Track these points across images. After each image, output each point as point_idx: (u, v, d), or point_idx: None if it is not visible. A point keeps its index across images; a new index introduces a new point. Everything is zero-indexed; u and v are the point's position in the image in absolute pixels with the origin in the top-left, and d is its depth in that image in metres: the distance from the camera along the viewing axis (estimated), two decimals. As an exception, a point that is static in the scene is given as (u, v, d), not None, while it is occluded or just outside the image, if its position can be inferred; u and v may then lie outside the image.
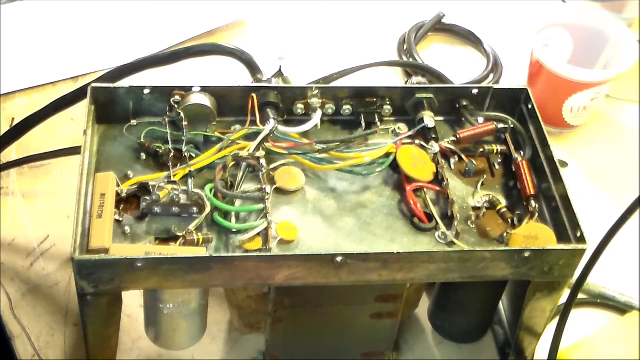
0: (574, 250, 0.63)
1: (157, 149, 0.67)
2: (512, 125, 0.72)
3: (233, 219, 0.64)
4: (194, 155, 0.67)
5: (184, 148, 0.67)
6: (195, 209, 0.64)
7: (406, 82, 0.95)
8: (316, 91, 0.71)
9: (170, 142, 0.67)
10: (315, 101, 0.71)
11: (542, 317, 0.69)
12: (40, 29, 1.04)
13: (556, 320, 0.66)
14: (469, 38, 1.11)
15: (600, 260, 0.61)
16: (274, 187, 0.66)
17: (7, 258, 0.80)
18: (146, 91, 0.69)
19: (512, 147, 0.71)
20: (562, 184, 0.66)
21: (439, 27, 1.11)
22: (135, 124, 0.70)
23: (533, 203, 0.68)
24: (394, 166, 0.69)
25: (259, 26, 1.09)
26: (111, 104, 0.69)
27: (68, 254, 0.58)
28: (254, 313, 0.71)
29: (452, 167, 0.70)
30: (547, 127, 0.72)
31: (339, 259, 0.60)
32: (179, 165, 0.66)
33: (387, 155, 0.69)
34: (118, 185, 0.64)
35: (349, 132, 0.72)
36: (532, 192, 0.68)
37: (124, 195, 0.64)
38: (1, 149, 0.82)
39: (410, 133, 0.72)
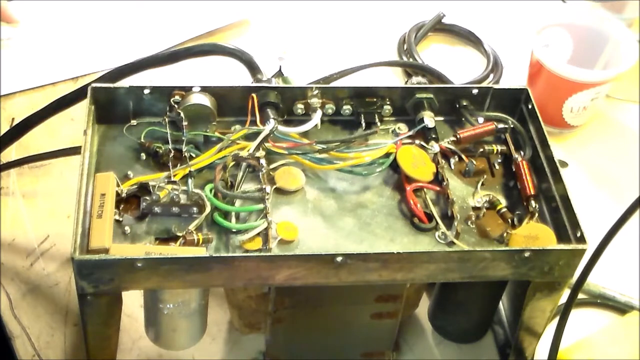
0: (574, 250, 0.63)
1: (157, 149, 0.67)
2: (512, 125, 0.72)
3: (233, 219, 0.64)
4: (194, 155, 0.67)
5: (184, 148, 0.67)
6: (195, 209, 0.64)
7: (406, 82, 0.95)
8: (316, 91, 0.71)
9: (170, 142, 0.67)
10: (315, 101, 0.71)
11: (542, 317, 0.69)
12: (40, 29, 1.04)
13: (556, 320, 0.66)
14: (469, 38, 1.11)
15: (600, 260, 0.61)
16: (274, 187, 0.66)
17: (7, 258, 0.80)
18: (146, 91, 0.69)
19: (512, 147, 0.71)
20: (562, 184, 0.66)
21: (439, 27, 1.11)
22: (135, 124, 0.70)
23: (533, 203, 0.68)
24: (394, 166, 0.69)
25: (259, 26, 1.09)
26: (111, 104, 0.69)
27: (68, 254, 0.58)
28: (254, 313, 0.71)
29: (452, 167, 0.70)
30: (547, 127, 0.72)
31: (339, 259, 0.60)
32: (179, 165, 0.66)
33: (387, 155, 0.69)
34: (118, 185, 0.64)
35: (349, 132, 0.72)
36: (532, 192, 0.68)
37: (124, 195, 0.64)
38: (1, 149, 0.82)
39: (410, 133, 0.72)
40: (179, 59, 0.80)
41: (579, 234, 0.64)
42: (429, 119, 0.72)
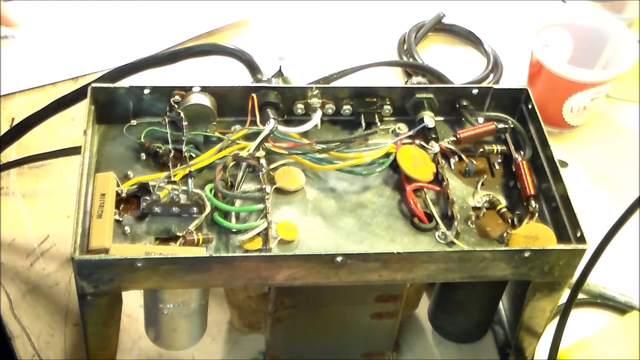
0: (574, 250, 0.63)
1: (157, 149, 0.67)
2: (512, 125, 0.72)
3: (233, 219, 0.64)
4: (194, 155, 0.67)
5: (184, 148, 0.67)
6: (195, 209, 0.64)
7: (406, 82, 0.95)
8: (316, 91, 0.71)
9: (170, 142, 0.67)
10: (315, 101, 0.71)
11: (542, 317, 0.69)
12: (40, 28, 1.04)
13: (556, 320, 0.66)
14: (469, 38, 1.11)
15: (600, 260, 0.61)
16: (274, 187, 0.66)
17: (7, 258, 0.80)
18: (146, 91, 0.69)
19: (512, 147, 0.71)
20: (562, 184, 0.66)
21: (439, 27, 1.11)
22: (135, 124, 0.70)
23: (533, 203, 0.68)
24: (394, 166, 0.69)
25: (260, 26, 1.09)
26: (111, 104, 0.69)
27: (68, 254, 0.58)
28: (254, 313, 0.71)
29: (452, 167, 0.70)
30: (547, 127, 0.72)
31: (339, 259, 0.60)
32: (179, 165, 0.66)
33: (387, 155, 0.69)
34: (118, 185, 0.64)
35: (349, 132, 0.72)
36: (532, 192, 0.68)
37: (124, 195, 0.64)
38: (1, 149, 0.82)
39: (410, 133, 0.72)
40: (179, 59, 0.80)
41: (579, 234, 0.64)
42: (429, 119, 0.72)
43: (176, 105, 0.68)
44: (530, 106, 0.73)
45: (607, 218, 0.61)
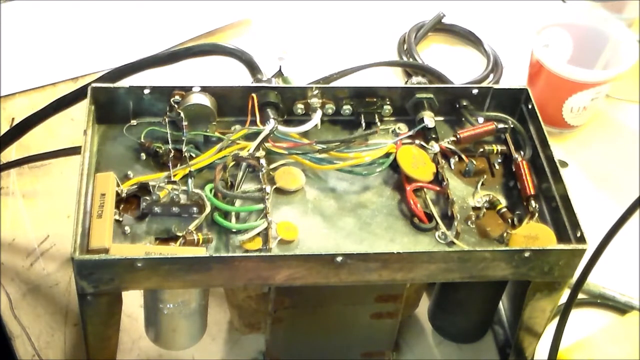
0: (574, 250, 0.63)
1: (157, 149, 0.67)
2: (512, 125, 0.72)
3: (233, 219, 0.64)
4: (194, 155, 0.67)
5: (184, 148, 0.67)
6: (195, 209, 0.64)
7: (406, 82, 0.95)
8: (316, 91, 0.71)
9: (170, 142, 0.67)
10: (315, 101, 0.71)
11: (542, 317, 0.69)
12: (40, 29, 1.04)
13: (556, 320, 0.66)
14: (469, 38, 1.11)
15: (600, 260, 0.61)
16: (274, 187, 0.66)
17: (7, 258, 0.80)
18: (146, 91, 0.69)
19: (512, 147, 0.71)
20: (562, 184, 0.66)
21: (439, 27, 1.11)
22: (135, 124, 0.70)
23: (533, 203, 0.68)
24: (394, 166, 0.69)
25: (260, 26, 1.09)
26: (111, 104, 0.69)
27: (68, 254, 0.58)
28: (254, 313, 0.71)
29: (452, 167, 0.70)
30: (547, 127, 0.72)
31: (339, 259, 0.60)
32: (179, 165, 0.66)
33: (387, 155, 0.69)
34: (118, 185, 0.64)
35: (349, 132, 0.72)
36: (532, 192, 0.68)
37: (124, 195, 0.64)
38: (1, 149, 0.82)
39: (410, 133, 0.72)
40: (179, 59, 0.80)
41: (579, 234, 0.64)
42: (429, 119, 0.72)
43: (176, 105, 0.68)
44: (530, 106, 0.73)
45: (607, 218, 0.61)
